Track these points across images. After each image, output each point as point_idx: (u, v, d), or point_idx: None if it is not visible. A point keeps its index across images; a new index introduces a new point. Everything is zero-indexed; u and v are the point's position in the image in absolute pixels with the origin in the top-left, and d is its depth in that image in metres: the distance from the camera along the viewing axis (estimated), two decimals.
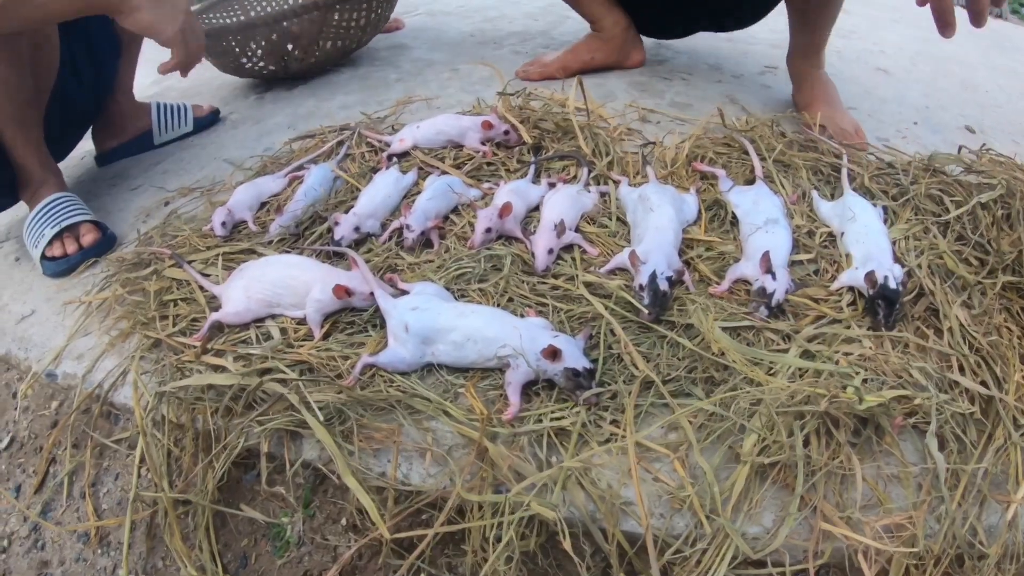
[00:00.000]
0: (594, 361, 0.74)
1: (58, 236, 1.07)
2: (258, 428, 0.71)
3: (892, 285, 0.79)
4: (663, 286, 0.78)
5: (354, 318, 0.83)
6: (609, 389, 0.73)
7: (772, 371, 0.74)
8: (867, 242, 0.86)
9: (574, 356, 0.71)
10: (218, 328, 0.86)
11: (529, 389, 0.74)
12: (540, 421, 0.70)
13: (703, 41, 1.59)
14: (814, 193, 0.99)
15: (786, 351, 0.76)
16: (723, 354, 0.74)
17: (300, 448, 0.72)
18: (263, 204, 1.08)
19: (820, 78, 1.28)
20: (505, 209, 0.87)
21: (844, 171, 1.01)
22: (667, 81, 1.37)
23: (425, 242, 0.92)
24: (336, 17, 1.43)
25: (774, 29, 1.52)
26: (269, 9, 1.48)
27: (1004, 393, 0.72)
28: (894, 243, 0.90)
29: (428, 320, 0.75)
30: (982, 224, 0.91)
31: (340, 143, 1.17)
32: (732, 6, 1.39)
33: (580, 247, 0.88)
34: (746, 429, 0.68)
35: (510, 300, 0.81)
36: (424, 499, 0.64)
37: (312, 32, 1.43)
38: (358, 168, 1.10)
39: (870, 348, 0.77)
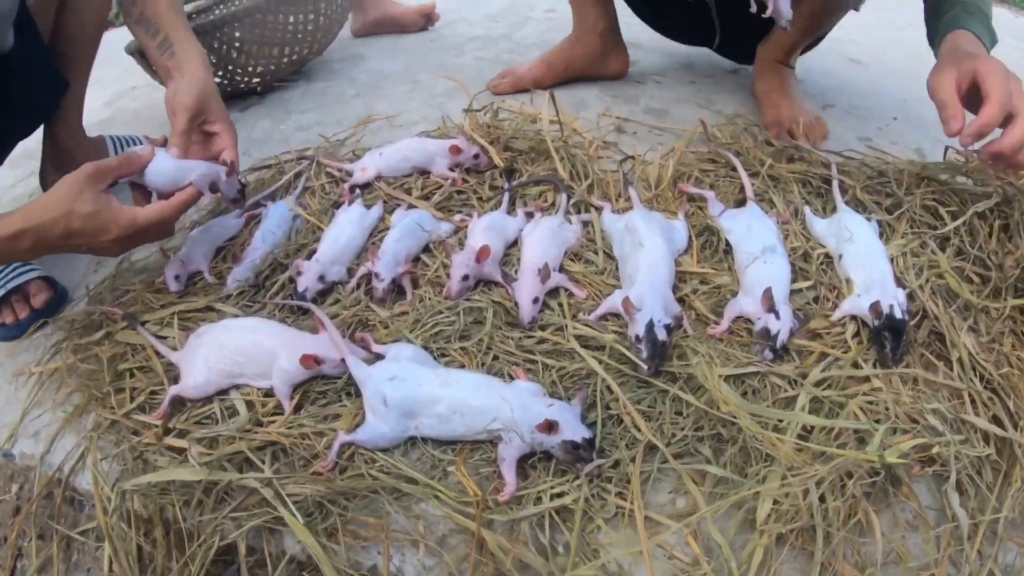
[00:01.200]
0: (591, 425, 0.66)
1: (5, 299, 0.96)
2: (232, 525, 0.62)
3: (899, 315, 0.74)
4: (661, 336, 0.71)
5: (326, 387, 0.74)
6: (611, 458, 0.66)
7: (783, 423, 0.67)
8: (868, 266, 0.81)
9: (572, 426, 0.64)
10: (179, 402, 0.75)
11: (524, 463, 0.66)
12: (540, 500, 0.63)
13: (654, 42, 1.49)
14: (807, 210, 0.92)
15: (794, 398, 0.70)
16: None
17: (281, 541, 0.64)
18: (219, 249, 0.96)
19: (784, 71, 1.20)
20: (483, 253, 0.78)
21: (835, 184, 0.95)
22: (640, 85, 1.28)
23: (396, 289, 0.83)
24: (281, 19, 1.29)
25: None
26: (211, 17, 1.33)
27: (1019, 432, 0.67)
28: (892, 260, 0.84)
29: (409, 391, 0.67)
30: (980, 236, 0.86)
31: (298, 174, 1.05)
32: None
33: (567, 290, 0.79)
34: (761, 494, 0.61)
35: (495, 358, 0.74)
36: None
37: (256, 37, 1.29)
38: (319, 204, 1.00)
39: (880, 387, 0.71)
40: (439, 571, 0.60)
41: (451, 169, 1.00)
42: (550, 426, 0.62)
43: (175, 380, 0.78)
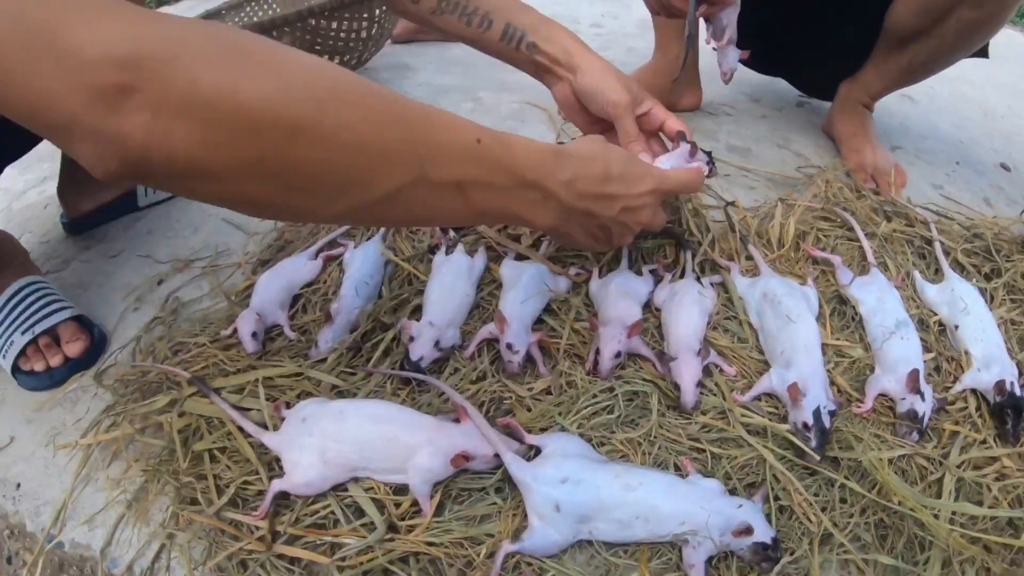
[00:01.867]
0: (768, 517, 0.63)
1: (33, 342, 0.84)
2: None
3: (1019, 392, 0.75)
4: (827, 423, 0.68)
5: (470, 483, 0.67)
6: (789, 549, 0.63)
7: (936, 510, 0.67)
8: (986, 340, 0.85)
9: (762, 528, 0.61)
10: (280, 497, 0.66)
11: (709, 565, 0.62)
12: None
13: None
14: (916, 275, 0.92)
15: (940, 480, 0.70)
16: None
17: None
18: (296, 297, 0.85)
19: (865, 114, 1.21)
20: (635, 328, 0.73)
21: (938, 247, 0.96)
22: (713, 118, 1.26)
23: (527, 359, 0.76)
24: (334, 26, 1.17)
25: None
26: (255, 19, 1.20)
27: None
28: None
29: (586, 497, 0.62)
30: None
31: None
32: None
33: (718, 366, 0.75)
34: None
35: (660, 448, 0.68)
36: None
37: (307, 44, 1.16)
38: (410, 247, 0.90)
39: (1008, 467, 0.73)
40: None
41: None
42: (748, 530, 0.59)
43: (271, 468, 0.69)
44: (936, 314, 0.91)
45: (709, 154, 0.83)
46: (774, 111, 1.33)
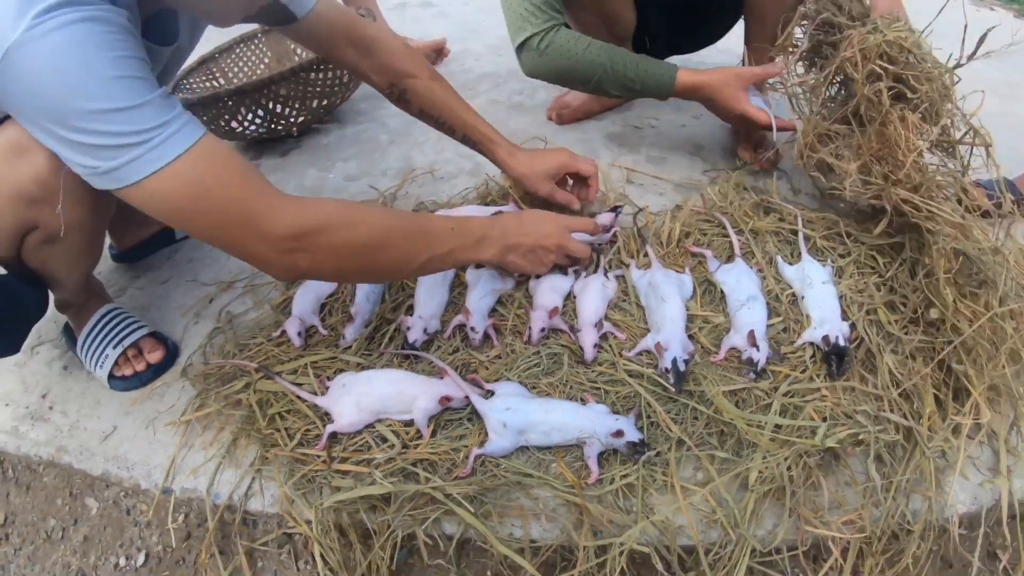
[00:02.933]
0: (641, 429, 1.23)
1: (122, 354, 1.38)
2: (412, 522, 1.14)
3: (842, 343, 1.32)
4: (682, 367, 1.27)
5: (452, 417, 1.26)
6: (656, 450, 1.22)
7: (762, 424, 1.26)
8: (822, 306, 1.37)
9: (631, 432, 1.19)
10: (333, 436, 1.26)
11: (601, 457, 1.22)
12: (613, 480, 1.18)
13: None
14: (778, 259, 1.50)
15: (770, 405, 1.29)
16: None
17: (440, 527, 1.16)
18: (323, 305, 1.45)
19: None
20: (554, 312, 1.32)
21: (801, 236, 1.53)
22: (639, 131, 1.82)
23: (485, 337, 1.36)
24: (324, 76, 1.74)
25: (722, 49, 1.99)
26: (252, 74, 1.76)
27: (919, 423, 1.27)
28: (841, 297, 1.43)
29: (521, 418, 1.19)
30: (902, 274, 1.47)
31: None
32: (692, 30, 1.85)
33: (613, 334, 1.35)
34: (749, 468, 1.20)
35: (571, 388, 1.28)
36: (552, 547, 1.11)
37: (300, 93, 1.74)
38: None
39: (827, 396, 1.31)
40: (557, 531, 1.15)
41: None
42: (620, 433, 1.18)
43: (323, 419, 1.28)
44: (791, 288, 1.50)
45: (616, 209, 1.49)
46: (692, 119, 1.89)
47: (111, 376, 1.37)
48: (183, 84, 1.89)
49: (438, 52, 2.14)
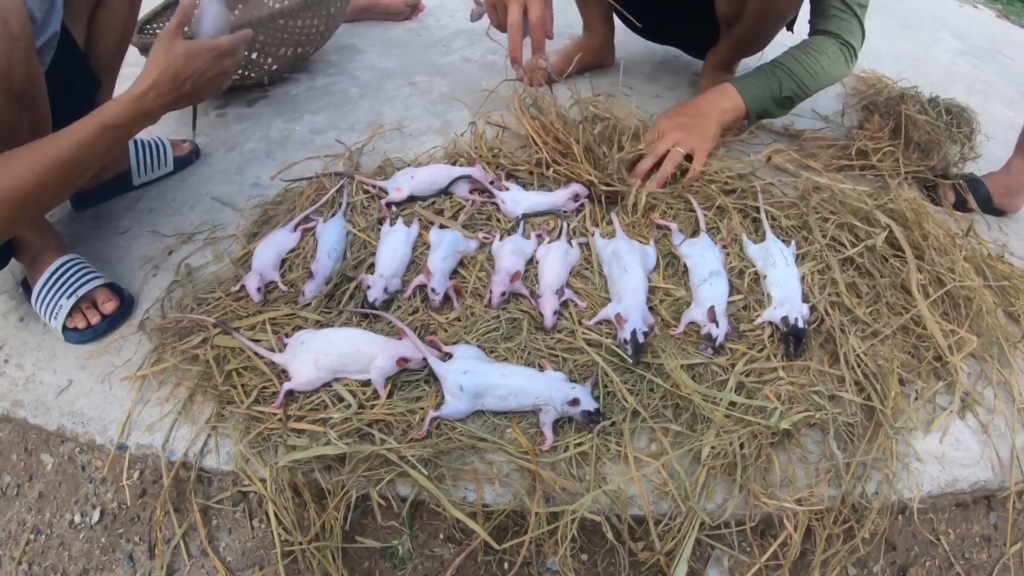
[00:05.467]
0: (597, 398, 1.22)
1: (75, 305, 1.33)
2: (367, 483, 1.13)
3: (800, 325, 1.33)
4: (641, 339, 1.26)
5: (409, 378, 1.24)
6: (611, 420, 1.22)
7: (717, 399, 1.26)
8: (783, 287, 1.38)
9: (587, 400, 1.18)
10: (289, 394, 1.23)
11: (556, 425, 1.21)
12: (568, 448, 1.18)
13: (639, 43, 2.00)
14: (743, 237, 1.50)
15: (727, 381, 1.29)
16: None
17: (395, 488, 1.15)
18: (283, 261, 1.41)
19: (724, 76, 1.75)
20: (515, 276, 1.30)
21: (763, 214, 1.53)
22: (613, 100, 1.78)
23: (445, 299, 1.33)
24: (300, 24, 1.67)
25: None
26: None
27: (881, 404, 1.28)
28: (803, 278, 1.43)
29: (478, 381, 1.18)
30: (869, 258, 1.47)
31: (339, 190, 1.50)
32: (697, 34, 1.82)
33: (574, 302, 1.33)
34: (703, 442, 1.21)
35: (529, 354, 1.27)
36: (504, 512, 1.11)
37: (277, 40, 1.67)
38: (364, 220, 1.45)
39: (783, 377, 1.31)
40: (509, 496, 1.14)
41: (471, 192, 1.49)
42: (575, 401, 1.17)
43: (280, 377, 1.25)
44: (754, 266, 1.50)
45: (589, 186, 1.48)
46: (666, 90, 1.86)
47: (65, 327, 1.33)
48: (147, 28, 1.79)
49: (413, 6, 2.07)
